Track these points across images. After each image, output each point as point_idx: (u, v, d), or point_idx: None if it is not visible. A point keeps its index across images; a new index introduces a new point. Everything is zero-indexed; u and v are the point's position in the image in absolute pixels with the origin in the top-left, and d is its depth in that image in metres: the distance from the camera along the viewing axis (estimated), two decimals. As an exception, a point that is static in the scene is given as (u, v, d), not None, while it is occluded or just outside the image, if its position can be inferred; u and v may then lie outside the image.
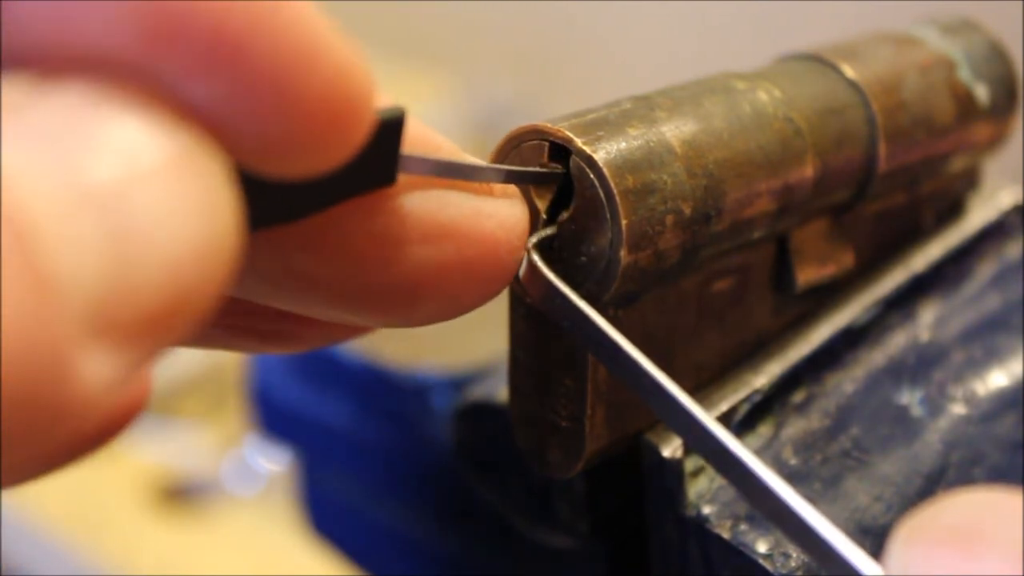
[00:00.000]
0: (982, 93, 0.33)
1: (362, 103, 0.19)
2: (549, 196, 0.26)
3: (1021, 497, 0.19)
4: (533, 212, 0.26)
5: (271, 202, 0.20)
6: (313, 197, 0.21)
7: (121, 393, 0.17)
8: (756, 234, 0.28)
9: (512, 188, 0.25)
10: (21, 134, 0.16)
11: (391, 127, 0.22)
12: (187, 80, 0.17)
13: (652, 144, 0.25)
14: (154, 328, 0.17)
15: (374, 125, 0.21)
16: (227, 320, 0.27)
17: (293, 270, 0.24)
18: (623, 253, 0.25)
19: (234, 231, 0.18)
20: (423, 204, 0.24)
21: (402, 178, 0.23)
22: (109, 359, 0.16)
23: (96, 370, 0.16)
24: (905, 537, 0.19)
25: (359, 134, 0.20)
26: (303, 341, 0.28)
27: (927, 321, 0.32)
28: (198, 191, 0.17)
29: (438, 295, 0.24)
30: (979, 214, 0.35)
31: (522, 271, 0.25)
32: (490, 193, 0.25)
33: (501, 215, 0.24)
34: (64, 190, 0.16)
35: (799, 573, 0.26)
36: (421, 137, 0.24)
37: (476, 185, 0.24)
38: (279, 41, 0.18)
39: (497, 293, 0.25)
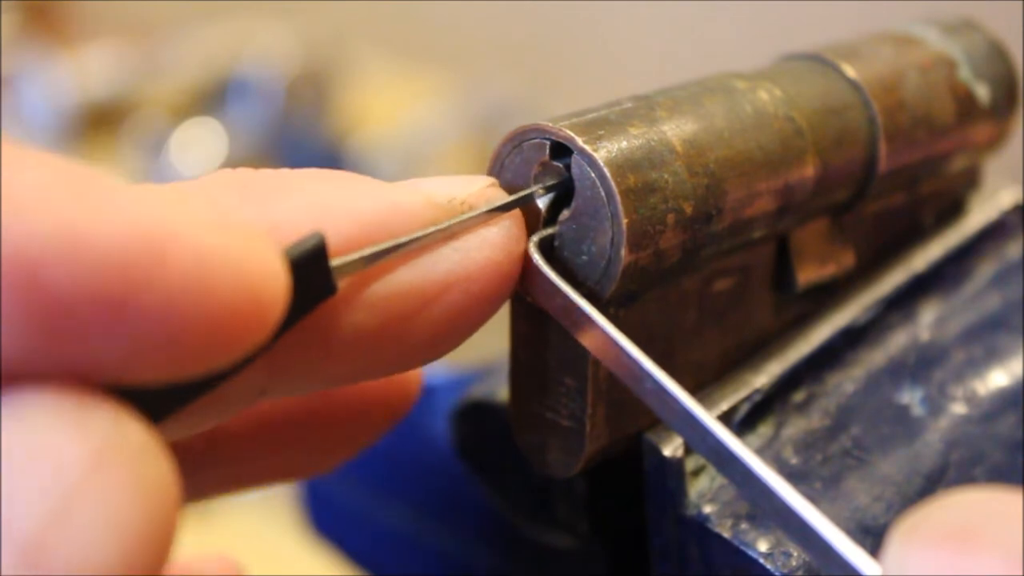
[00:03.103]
0: (982, 93, 0.33)
1: (268, 292, 0.19)
2: (550, 196, 0.26)
3: (1021, 497, 0.19)
4: (533, 212, 0.26)
5: (214, 376, 0.20)
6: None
7: None
8: (757, 233, 0.28)
9: (494, 202, 0.25)
10: None
11: (313, 255, 0.22)
12: (86, 353, 0.17)
13: (653, 143, 0.25)
14: None
15: (292, 266, 0.20)
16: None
17: (320, 378, 0.24)
18: (624, 252, 0.25)
19: (173, 496, 0.18)
20: (416, 275, 0.24)
21: (386, 263, 0.23)
22: None
23: None
24: (902, 536, 0.19)
25: (273, 316, 0.19)
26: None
27: (927, 321, 0.32)
28: (128, 482, 0.17)
29: (455, 332, 0.25)
30: (979, 214, 0.35)
31: (523, 271, 0.25)
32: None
33: (490, 240, 0.24)
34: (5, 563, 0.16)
35: (800, 572, 0.26)
36: (387, 209, 0.23)
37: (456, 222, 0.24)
38: (164, 288, 0.17)
39: (506, 299, 0.26)
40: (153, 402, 0.19)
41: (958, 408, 0.30)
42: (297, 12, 1.27)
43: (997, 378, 0.31)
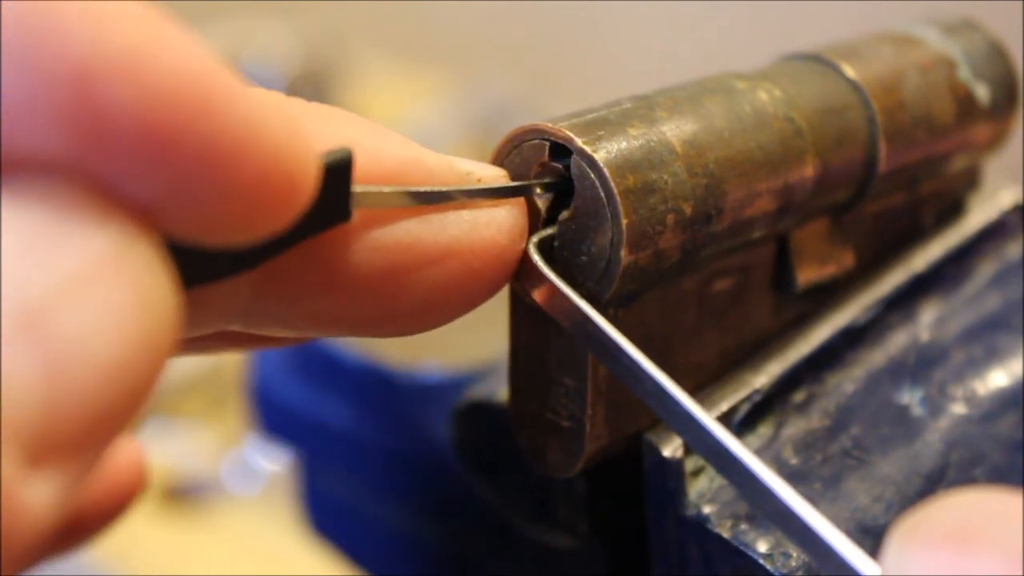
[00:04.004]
0: (982, 93, 0.33)
1: (301, 174, 0.19)
2: (549, 196, 0.26)
3: (1021, 497, 0.19)
4: (534, 211, 0.26)
5: (218, 259, 0.20)
6: (265, 248, 0.21)
7: (70, 502, 0.17)
8: (756, 234, 0.28)
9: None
10: None
11: (339, 170, 0.22)
12: (121, 179, 0.17)
13: (653, 144, 0.25)
14: (95, 439, 0.17)
15: (321, 172, 0.21)
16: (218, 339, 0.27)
17: (305, 314, 0.24)
18: (623, 253, 0.25)
19: (171, 322, 0.18)
20: (425, 230, 0.24)
21: (401, 209, 0.23)
22: (52, 482, 0.16)
23: (40, 498, 0.16)
24: (902, 536, 0.19)
25: (300, 202, 0.20)
26: (300, 340, 0.28)
27: (927, 321, 0.32)
28: (132, 290, 0.17)
29: (447, 306, 0.25)
30: (979, 214, 0.35)
31: (523, 271, 0.25)
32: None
33: (499, 220, 0.25)
34: None
35: (799, 573, 0.26)
36: (412, 161, 0.24)
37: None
38: (212, 135, 0.18)
39: (500, 288, 0.26)
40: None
41: (958, 408, 0.30)
42: (297, 12, 1.27)
43: (997, 378, 0.31)
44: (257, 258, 0.22)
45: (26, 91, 0.17)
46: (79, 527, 0.29)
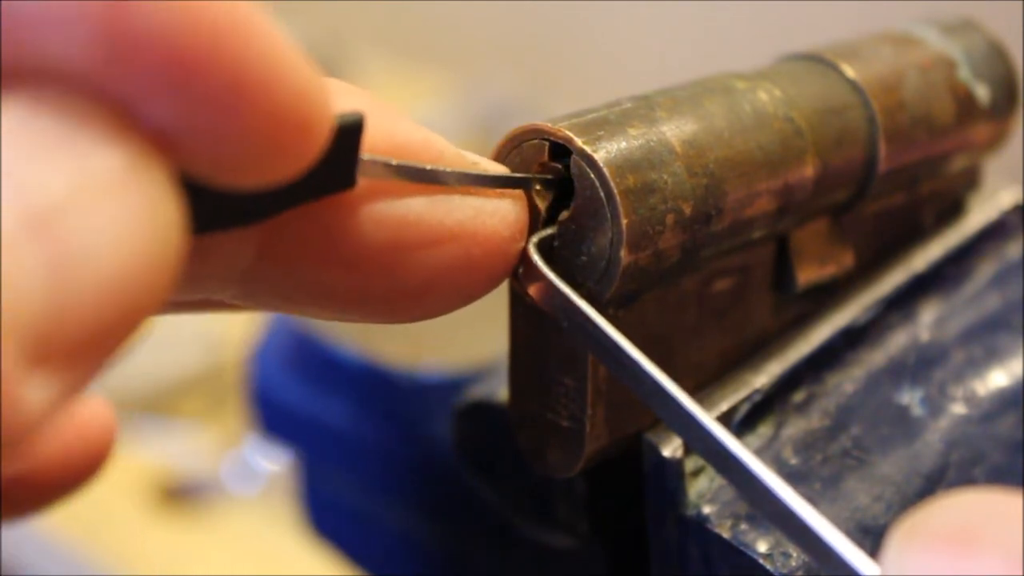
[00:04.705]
0: (982, 93, 0.33)
1: (317, 119, 0.19)
2: (549, 196, 0.26)
3: (1021, 497, 0.19)
4: (533, 211, 0.26)
5: (226, 206, 0.21)
6: (270, 201, 0.22)
7: (59, 414, 0.17)
8: (756, 234, 0.28)
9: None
10: None
11: (349, 132, 0.22)
12: (140, 97, 0.17)
13: (652, 144, 0.25)
14: (94, 348, 0.17)
15: (332, 131, 0.21)
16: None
17: (304, 285, 0.24)
18: (623, 253, 0.25)
19: (176, 245, 0.18)
20: (430, 210, 0.24)
21: (408, 187, 0.23)
22: (49, 384, 0.16)
23: (36, 397, 0.16)
24: (902, 537, 0.19)
25: (314, 149, 0.20)
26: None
27: (927, 321, 0.32)
28: (141, 207, 0.17)
29: (444, 292, 0.25)
30: (979, 214, 0.35)
31: (522, 270, 0.25)
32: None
33: (502, 211, 0.25)
34: (6, 215, 0.16)
35: (799, 573, 0.26)
36: (422, 141, 0.24)
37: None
38: (235, 61, 0.18)
39: (499, 283, 0.26)
40: None
41: (958, 408, 0.30)
42: (297, 12, 1.27)
43: (997, 378, 0.31)
44: (263, 210, 0.22)
45: None
46: (42, 487, 0.28)
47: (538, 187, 0.26)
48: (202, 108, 0.18)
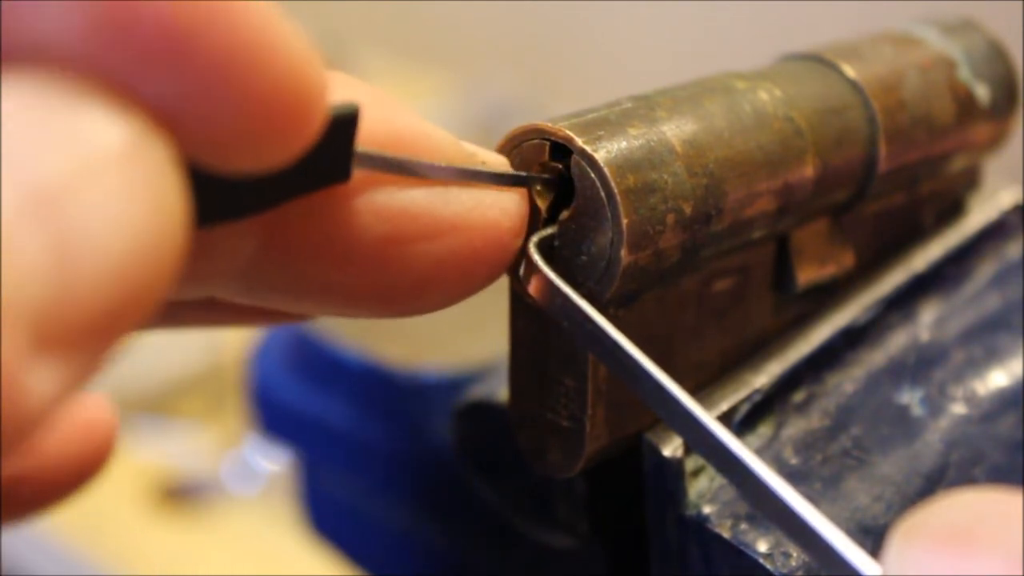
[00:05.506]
0: (982, 93, 0.33)
1: (314, 100, 0.19)
2: (550, 196, 0.26)
3: (1021, 497, 0.19)
4: (534, 211, 0.26)
5: (223, 197, 0.20)
6: (265, 193, 0.21)
7: (64, 405, 0.16)
8: (756, 234, 0.28)
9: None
10: None
11: (344, 123, 0.22)
12: (136, 74, 0.17)
13: (653, 143, 0.25)
14: (100, 333, 0.17)
15: (327, 121, 0.20)
16: (205, 311, 0.27)
17: (305, 280, 0.24)
18: (624, 252, 0.25)
19: (181, 225, 0.18)
20: (430, 202, 0.24)
21: (406, 179, 0.23)
22: (54, 371, 0.16)
23: (41, 383, 0.16)
24: (903, 536, 0.19)
25: (310, 130, 0.19)
26: (290, 318, 0.28)
27: (927, 321, 0.32)
28: (145, 185, 0.17)
29: (445, 285, 0.25)
30: (979, 214, 0.35)
31: (522, 270, 0.25)
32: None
33: (502, 203, 0.25)
34: (7, 197, 0.16)
35: (800, 573, 0.26)
36: (420, 133, 0.24)
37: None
38: (229, 37, 0.17)
39: (499, 276, 0.26)
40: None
41: (958, 408, 0.30)
42: (297, 12, 1.27)
43: (997, 378, 0.31)
44: (259, 202, 0.22)
45: None
46: (44, 486, 0.28)
47: (538, 188, 0.26)
48: (196, 80, 0.17)
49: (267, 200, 0.22)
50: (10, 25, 0.17)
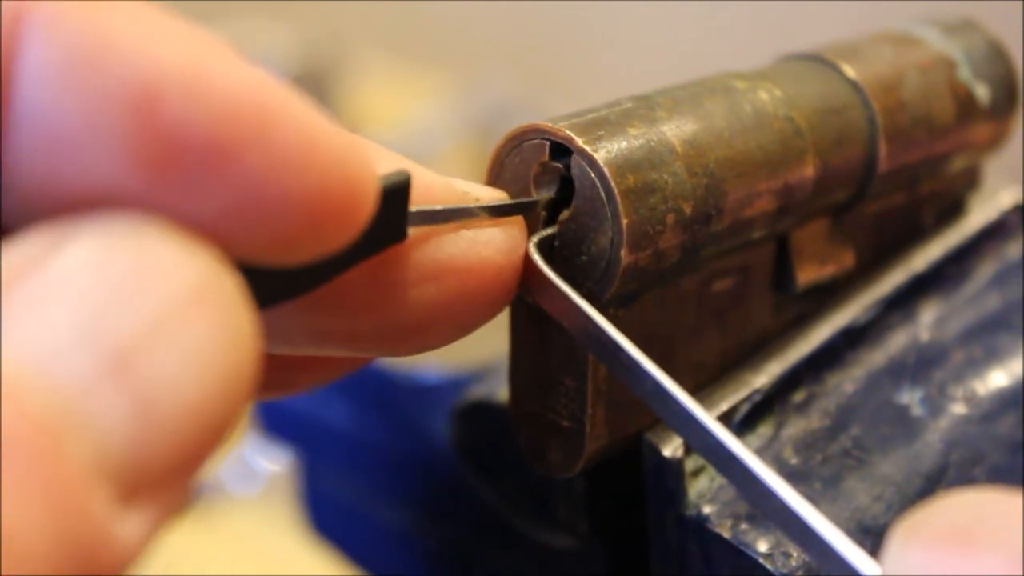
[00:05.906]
0: (982, 93, 0.33)
1: (363, 187, 0.19)
2: (550, 196, 0.26)
3: (1021, 497, 0.19)
4: (534, 211, 0.26)
5: (286, 280, 0.21)
6: (327, 268, 0.22)
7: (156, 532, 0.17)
8: (756, 234, 0.28)
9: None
10: (32, 307, 0.16)
11: (397, 191, 0.22)
12: (190, 198, 0.17)
13: (653, 143, 0.25)
14: (182, 472, 0.17)
15: (380, 194, 0.21)
16: None
17: (300, 329, 0.24)
18: (624, 252, 0.25)
19: (255, 351, 0.18)
20: (423, 247, 0.24)
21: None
22: (142, 515, 0.16)
23: (132, 530, 0.16)
24: (903, 536, 0.19)
25: (364, 215, 0.20)
26: (299, 387, 0.28)
27: (927, 321, 0.32)
28: (220, 325, 0.17)
29: (445, 326, 0.25)
30: (979, 214, 0.35)
31: (523, 271, 0.25)
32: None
33: (497, 240, 0.25)
34: (86, 362, 0.16)
35: (799, 573, 0.26)
36: (442, 186, 0.24)
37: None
38: (272, 146, 0.18)
39: (502, 310, 0.26)
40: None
41: (958, 408, 0.30)
42: (297, 12, 1.27)
43: (997, 378, 0.31)
44: (320, 277, 0.22)
45: (88, 118, 0.17)
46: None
47: (539, 187, 0.26)
48: (246, 193, 0.18)
49: (328, 273, 0.22)
50: (55, 171, 0.17)
